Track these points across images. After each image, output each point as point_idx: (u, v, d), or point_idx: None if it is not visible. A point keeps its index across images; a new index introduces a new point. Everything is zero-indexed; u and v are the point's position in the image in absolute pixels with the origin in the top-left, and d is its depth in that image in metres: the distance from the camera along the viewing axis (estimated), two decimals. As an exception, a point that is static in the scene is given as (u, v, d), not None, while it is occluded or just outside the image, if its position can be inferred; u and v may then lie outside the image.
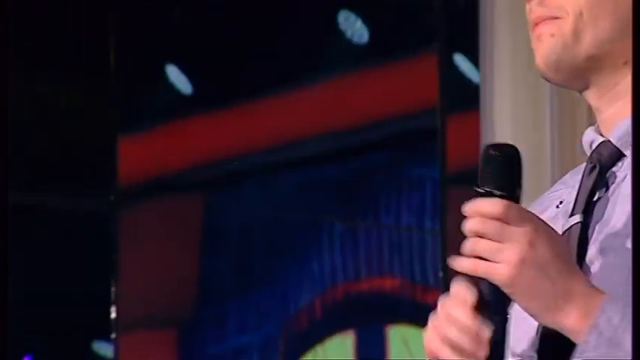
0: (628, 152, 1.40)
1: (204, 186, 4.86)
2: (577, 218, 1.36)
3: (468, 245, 1.24)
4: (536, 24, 1.46)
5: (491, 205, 1.23)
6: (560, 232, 1.35)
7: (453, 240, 3.95)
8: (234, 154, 4.64)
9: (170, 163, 4.56)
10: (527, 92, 3.78)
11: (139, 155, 4.63)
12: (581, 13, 1.45)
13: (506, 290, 1.24)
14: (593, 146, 1.46)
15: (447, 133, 4.10)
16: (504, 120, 3.52)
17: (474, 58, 3.92)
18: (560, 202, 1.49)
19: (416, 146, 4.48)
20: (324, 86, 4.53)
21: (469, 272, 1.27)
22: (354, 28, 4.36)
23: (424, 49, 4.31)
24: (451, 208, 4.07)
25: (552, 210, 1.50)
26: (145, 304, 4.50)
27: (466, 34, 4.05)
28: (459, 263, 1.24)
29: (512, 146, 1.28)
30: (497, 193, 1.23)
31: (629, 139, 1.39)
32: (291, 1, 4.53)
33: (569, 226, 1.37)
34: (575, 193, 1.41)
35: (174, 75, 4.54)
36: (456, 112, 4.19)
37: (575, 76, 1.47)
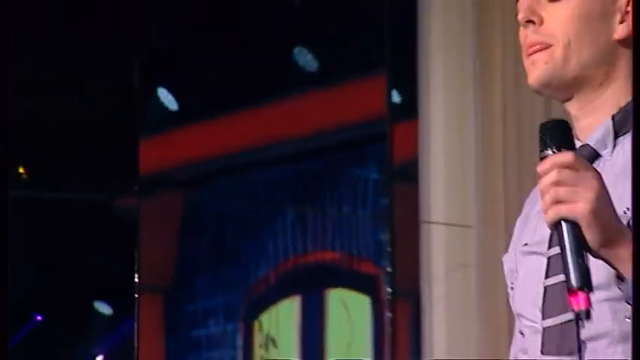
0: (603, 152, 1.71)
1: (187, 182, 5.77)
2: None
3: (549, 195, 1.48)
4: (530, 49, 1.78)
5: (564, 157, 1.46)
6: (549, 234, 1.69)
7: (398, 224, 4.86)
8: (214, 157, 5.56)
9: (164, 164, 5.52)
10: (454, 102, 4.54)
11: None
12: (569, 42, 1.75)
13: (583, 225, 1.46)
14: None
15: (393, 138, 4.87)
16: (438, 126, 4.45)
17: (414, 78, 4.56)
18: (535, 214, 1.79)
19: (362, 149, 5.30)
20: (287, 103, 5.44)
21: (555, 218, 1.49)
22: (306, 59, 5.26)
23: (372, 72, 5.06)
24: (395, 199, 4.89)
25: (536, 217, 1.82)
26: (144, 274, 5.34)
27: (406, 60, 4.69)
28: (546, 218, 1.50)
29: (559, 119, 1.56)
30: (563, 148, 1.47)
31: (604, 142, 1.71)
32: (262, 41, 5.37)
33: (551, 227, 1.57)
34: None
35: (164, 95, 5.49)
36: (399, 121, 4.92)
37: (561, 91, 1.77)
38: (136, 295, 5.20)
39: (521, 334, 1.93)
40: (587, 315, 1.55)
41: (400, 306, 4.75)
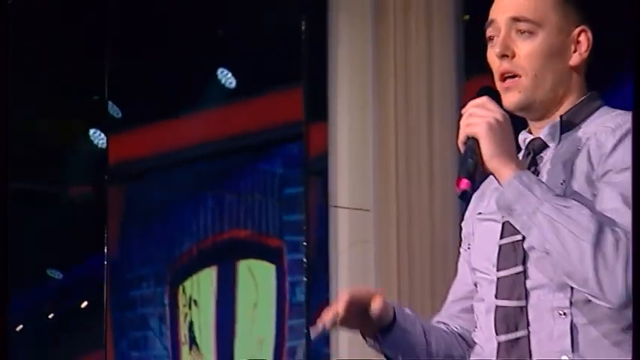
0: (550, 144, 2.03)
1: (132, 175, 6.67)
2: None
3: (462, 121, 1.94)
4: (503, 76, 2.04)
5: (478, 99, 1.94)
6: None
7: (311, 207, 5.57)
8: (155, 154, 6.55)
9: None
10: (356, 108, 5.37)
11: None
12: (535, 75, 2.00)
13: (480, 139, 1.89)
14: (527, 141, 2.08)
15: (309, 138, 5.65)
16: (343, 128, 5.20)
17: (324, 89, 5.38)
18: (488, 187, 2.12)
19: (271, 148, 6.23)
20: (221, 111, 6.42)
21: (463, 135, 1.94)
22: (226, 78, 6.21)
23: (291, 85, 5.81)
24: (310, 187, 5.68)
25: (490, 191, 2.14)
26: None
27: (319, 75, 5.44)
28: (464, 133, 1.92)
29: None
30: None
31: (552, 136, 2.03)
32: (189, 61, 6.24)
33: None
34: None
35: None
36: (313, 123, 5.66)
37: (531, 112, 2.06)
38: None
39: (476, 285, 2.17)
40: (464, 195, 1.93)
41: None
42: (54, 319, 6.66)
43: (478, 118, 1.96)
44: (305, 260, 5.65)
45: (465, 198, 1.96)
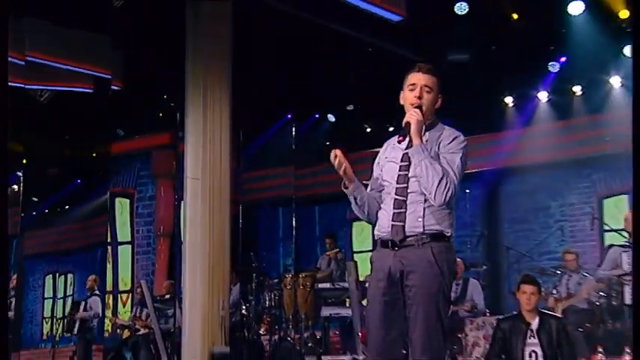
0: (424, 135, 4.55)
1: None
2: (404, 150, 4.58)
3: (409, 114, 4.53)
4: (414, 105, 4.56)
5: (416, 109, 4.54)
6: (401, 154, 4.58)
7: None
8: None
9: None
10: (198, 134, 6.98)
11: None
12: (427, 108, 4.61)
13: (412, 124, 4.46)
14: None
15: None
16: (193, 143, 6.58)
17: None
18: (396, 143, 4.59)
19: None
20: None
21: (405, 121, 4.51)
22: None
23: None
24: None
25: (393, 146, 4.67)
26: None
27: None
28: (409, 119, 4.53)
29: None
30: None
31: (424, 132, 4.56)
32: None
33: (404, 152, 4.57)
34: (404, 145, 4.56)
35: None
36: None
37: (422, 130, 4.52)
38: None
39: (382, 187, 4.62)
40: (399, 143, 4.62)
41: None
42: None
43: (414, 115, 4.39)
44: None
45: (400, 144, 4.48)
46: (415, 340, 4.22)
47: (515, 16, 13.00)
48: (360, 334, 10.49)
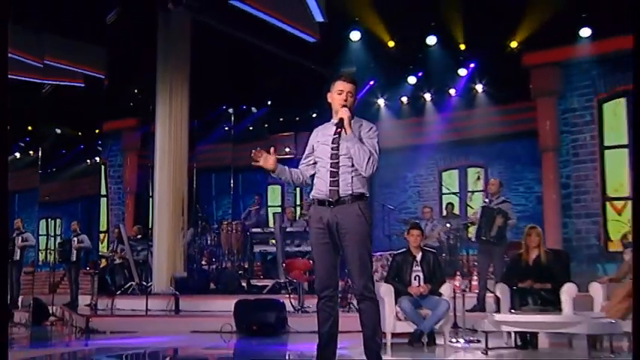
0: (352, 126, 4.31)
1: None
2: (332, 136, 4.32)
3: (341, 111, 4.26)
4: (342, 105, 4.31)
5: (345, 108, 4.29)
6: (331, 139, 4.29)
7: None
8: None
9: None
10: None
11: None
12: (351, 107, 4.36)
13: (344, 118, 4.24)
14: (336, 120, 4.33)
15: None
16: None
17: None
18: (325, 131, 4.39)
19: None
20: None
21: (338, 118, 4.27)
22: None
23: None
24: None
25: (323, 133, 4.40)
26: None
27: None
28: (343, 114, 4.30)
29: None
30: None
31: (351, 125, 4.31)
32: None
33: (333, 137, 4.31)
34: (335, 128, 4.34)
35: None
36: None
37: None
38: None
39: (316, 162, 4.35)
40: (339, 130, 4.27)
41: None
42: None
43: (345, 113, 4.20)
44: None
45: (339, 130, 4.24)
46: (354, 270, 4.25)
47: (391, 43, 13.32)
48: (284, 264, 10.27)
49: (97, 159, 17.61)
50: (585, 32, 12.28)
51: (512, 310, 6.38)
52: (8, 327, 9.04)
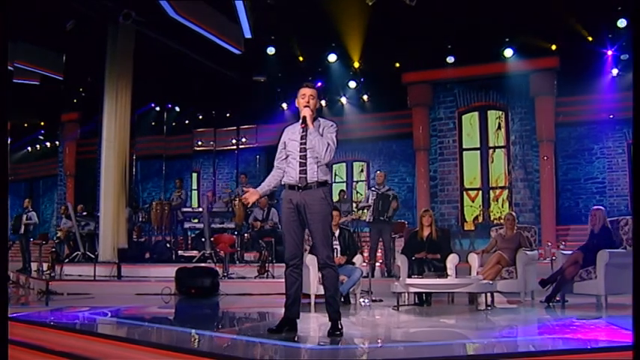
0: (314, 123, 4.25)
1: None
2: (301, 134, 4.29)
3: (304, 112, 4.21)
4: (305, 106, 4.24)
5: (307, 108, 4.23)
6: (299, 136, 4.26)
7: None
8: None
9: None
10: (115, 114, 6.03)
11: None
12: (313, 107, 4.27)
13: (307, 117, 4.20)
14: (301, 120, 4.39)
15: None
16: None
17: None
18: (294, 129, 4.35)
19: None
20: None
21: (302, 116, 4.22)
22: None
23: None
24: None
25: (293, 131, 4.35)
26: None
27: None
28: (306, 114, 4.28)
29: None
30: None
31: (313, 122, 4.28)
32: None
33: (301, 134, 4.28)
34: (300, 129, 4.32)
35: None
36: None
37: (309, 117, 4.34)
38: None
39: (288, 156, 4.27)
40: (304, 127, 4.22)
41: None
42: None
43: (308, 111, 4.13)
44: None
45: (303, 125, 4.20)
46: (318, 243, 4.27)
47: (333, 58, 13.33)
48: (212, 239, 10.03)
49: (38, 146, 16.63)
50: (450, 59, 13.06)
51: (414, 276, 6.54)
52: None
